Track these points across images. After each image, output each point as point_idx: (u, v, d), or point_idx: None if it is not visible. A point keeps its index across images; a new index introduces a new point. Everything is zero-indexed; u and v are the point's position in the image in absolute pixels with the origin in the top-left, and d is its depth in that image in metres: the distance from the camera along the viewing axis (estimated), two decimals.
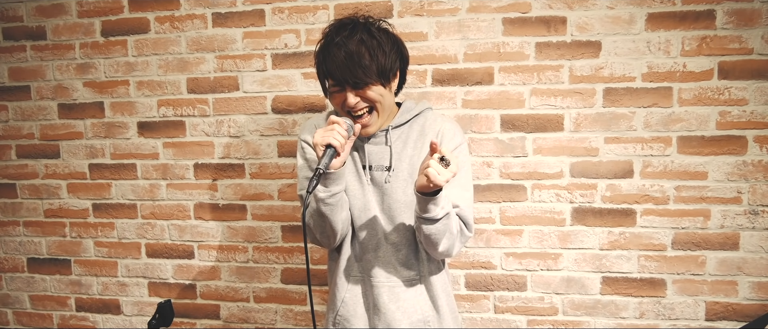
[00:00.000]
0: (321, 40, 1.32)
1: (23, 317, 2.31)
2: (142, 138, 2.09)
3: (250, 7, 1.93)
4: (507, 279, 1.91)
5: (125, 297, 2.21)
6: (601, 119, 1.78)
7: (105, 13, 2.04)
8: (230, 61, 1.98)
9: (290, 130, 1.98)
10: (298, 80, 1.95)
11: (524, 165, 1.85)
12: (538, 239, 1.87)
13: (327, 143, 1.21)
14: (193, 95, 2.03)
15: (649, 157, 1.78)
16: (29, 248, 2.26)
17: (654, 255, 1.82)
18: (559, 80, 1.79)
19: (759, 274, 1.78)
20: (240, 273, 2.09)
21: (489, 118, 1.85)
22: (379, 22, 1.35)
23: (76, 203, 2.18)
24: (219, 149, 2.04)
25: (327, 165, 1.20)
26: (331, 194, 1.28)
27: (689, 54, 1.72)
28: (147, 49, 2.03)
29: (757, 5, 1.67)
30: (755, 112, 1.71)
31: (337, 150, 1.21)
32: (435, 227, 1.23)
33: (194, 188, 2.08)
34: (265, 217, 2.04)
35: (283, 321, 2.09)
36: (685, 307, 1.83)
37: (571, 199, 1.84)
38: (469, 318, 1.95)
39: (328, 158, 1.20)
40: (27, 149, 2.19)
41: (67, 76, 2.10)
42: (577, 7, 1.75)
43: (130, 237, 2.16)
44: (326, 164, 1.20)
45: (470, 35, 1.82)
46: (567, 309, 1.89)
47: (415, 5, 1.84)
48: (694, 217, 1.78)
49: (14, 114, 2.18)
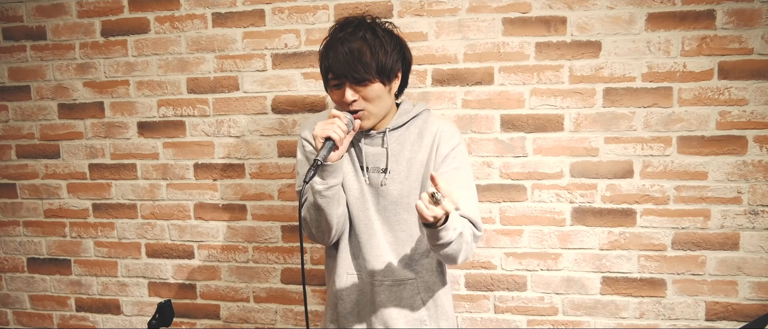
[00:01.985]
0: (327, 36, 1.34)
1: (23, 317, 2.31)
2: (142, 138, 2.09)
3: (250, 7, 1.93)
4: (507, 279, 1.91)
5: (125, 297, 2.21)
6: (601, 119, 1.78)
7: (105, 13, 2.04)
8: (230, 61, 1.98)
9: (290, 130, 1.98)
10: (298, 80, 1.95)
11: (524, 165, 1.85)
12: (538, 239, 1.87)
13: (326, 136, 1.23)
14: (193, 95, 2.03)
15: (649, 157, 1.78)
16: (29, 248, 2.26)
17: (654, 255, 1.82)
18: (559, 80, 1.79)
19: (759, 274, 1.78)
20: (240, 273, 2.09)
21: (489, 118, 1.85)
22: (386, 23, 1.36)
23: (76, 203, 2.18)
24: (219, 149, 2.04)
25: (325, 157, 1.22)
26: (328, 186, 1.29)
27: (689, 54, 1.72)
28: (147, 49, 2.03)
29: (757, 5, 1.67)
30: (755, 112, 1.71)
31: (336, 143, 1.24)
32: (450, 248, 1.23)
33: (194, 188, 2.08)
34: (265, 217, 2.04)
35: (283, 321, 2.09)
36: (685, 307, 1.83)
37: (571, 199, 1.84)
38: (469, 318, 1.95)
39: (327, 150, 1.22)
40: (27, 149, 2.19)
41: (67, 76, 2.10)
42: (577, 7, 1.75)
43: (130, 237, 2.16)
44: (324, 156, 1.22)
45: (470, 35, 1.82)
46: (567, 309, 1.89)
47: (415, 5, 1.84)
48: (694, 217, 1.78)
49: (14, 114, 2.18)
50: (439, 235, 1.16)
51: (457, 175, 1.36)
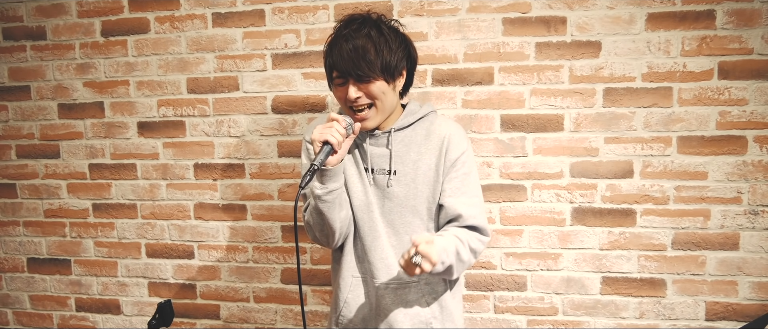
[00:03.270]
0: (332, 33, 1.33)
1: (23, 317, 2.31)
2: (142, 138, 2.09)
3: (250, 7, 1.93)
4: (507, 279, 1.91)
5: (125, 297, 2.20)
6: (601, 119, 1.78)
7: (105, 13, 2.04)
8: (230, 61, 1.98)
9: (290, 130, 1.98)
10: (298, 80, 1.95)
11: (524, 165, 1.85)
12: (538, 239, 1.87)
13: (324, 140, 1.21)
14: (193, 95, 2.03)
15: (649, 157, 1.78)
16: (29, 248, 2.26)
17: (654, 255, 1.82)
18: (559, 80, 1.79)
19: (759, 274, 1.78)
20: (240, 273, 2.09)
21: (489, 118, 1.85)
22: (392, 21, 1.35)
23: (76, 203, 2.18)
24: (219, 149, 2.04)
25: (322, 162, 1.20)
26: (327, 190, 1.27)
27: (689, 54, 1.72)
28: (147, 49, 2.03)
29: (757, 5, 1.67)
30: (755, 112, 1.71)
31: (334, 147, 1.22)
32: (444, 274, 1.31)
33: (194, 188, 2.08)
34: (265, 217, 2.04)
35: (283, 321, 2.09)
36: (685, 307, 1.83)
37: (571, 199, 1.84)
38: (469, 318, 1.95)
39: (324, 154, 1.21)
40: (27, 149, 2.19)
41: (67, 76, 2.10)
42: (577, 7, 1.75)
43: (130, 237, 2.16)
44: (321, 161, 1.20)
45: (470, 35, 1.82)
46: (567, 309, 1.89)
47: (415, 5, 1.84)
48: (694, 217, 1.78)
49: (14, 114, 2.18)
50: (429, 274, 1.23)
51: (466, 181, 1.36)
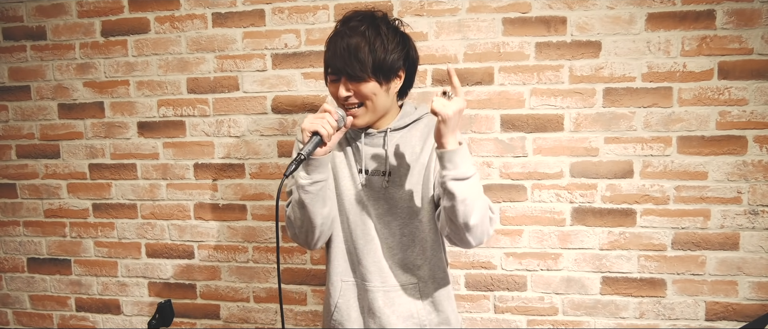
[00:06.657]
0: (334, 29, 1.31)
1: (23, 317, 2.31)
2: (142, 138, 2.09)
3: (250, 7, 1.93)
4: (507, 279, 1.91)
5: (125, 297, 2.21)
6: (601, 119, 1.78)
7: (105, 13, 2.04)
8: (230, 61, 1.98)
9: (290, 130, 1.98)
10: (298, 80, 1.95)
11: (524, 165, 1.85)
12: (538, 239, 1.87)
13: (314, 130, 1.18)
14: (193, 95, 2.03)
15: (649, 157, 1.78)
16: (29, 248, 2.26)
17: (654, 255, 1.82)
18: (559, 80, 1.79)
19: (759, 274, 1.78)
20: (240, 273, 2.09)
21: (489, 118, 1.85)
22: (394, 21, 1.32)
23: (76, 203, 2.18)
24: (219, 149, 2.04)
25: (310, 152, 1.17)
26: (312, 181, 1.24)
27: (689, 54, 1.72)
28: (147, 49, 2.03)
29: (757, 5, 1.67)
30: (755, 112, 1.71)
31: (323, 139, 1.19)
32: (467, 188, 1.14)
33: (194, 188, 2.08)
34: (265, 217, 2.04)
35: None
36: (685, 307, 1.83)
37: (571, 199, 1.84)
38: (469, 318, 1.95)
39: (313, 145, 1.18)
40: (27, 149, 2.19)
41: (67, 76, 2.10)
42: (577, 7, 1.75)
43: (130, 237, 2.16)
44: (309, 151, 1.17)
45: (470, 35, 1.82)
46: (567, 309, 1.89)
47: (415, 5, 1.84)
48: (694, 217, 1.78)
49: (14, 114, 2.18)
50: (456, 161, 1.13)
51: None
